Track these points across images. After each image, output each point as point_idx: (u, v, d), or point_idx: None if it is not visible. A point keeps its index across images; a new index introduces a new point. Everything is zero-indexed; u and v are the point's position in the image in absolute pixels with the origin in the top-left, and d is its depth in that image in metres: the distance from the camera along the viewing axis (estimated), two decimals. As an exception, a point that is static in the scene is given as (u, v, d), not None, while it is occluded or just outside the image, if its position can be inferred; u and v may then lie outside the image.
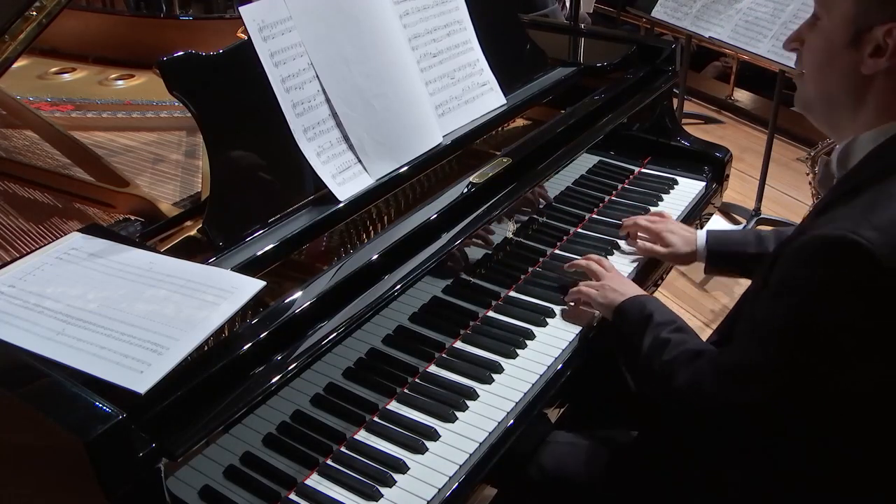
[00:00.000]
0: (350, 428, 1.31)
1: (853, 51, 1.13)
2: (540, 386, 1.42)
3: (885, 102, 1.15)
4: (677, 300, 3.07)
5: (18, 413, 1.01)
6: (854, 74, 1.15)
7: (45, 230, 1.55)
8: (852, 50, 1.13)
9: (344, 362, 1.31)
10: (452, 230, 1.48)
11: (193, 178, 1.73)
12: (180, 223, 1.42)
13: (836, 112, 1.21)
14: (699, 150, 2.19)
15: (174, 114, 2.03)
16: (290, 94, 1.43)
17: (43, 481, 1.07)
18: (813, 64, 1.21)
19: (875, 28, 1.10)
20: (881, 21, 1.10)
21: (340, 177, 1.47)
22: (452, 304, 1.53)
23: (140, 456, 0.97)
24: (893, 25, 1.09)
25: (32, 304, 1.13)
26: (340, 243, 1.46)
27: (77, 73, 2.40)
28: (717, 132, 4.63)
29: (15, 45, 1.65)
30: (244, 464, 1.17)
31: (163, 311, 1.09)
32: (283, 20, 1.44)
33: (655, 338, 1.35)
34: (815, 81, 1.22)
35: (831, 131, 1.26)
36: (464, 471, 1.25)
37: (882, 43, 1.10)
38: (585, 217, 1.92)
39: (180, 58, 1.34)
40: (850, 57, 1.14)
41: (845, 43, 1.14)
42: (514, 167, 1.63)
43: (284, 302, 1.22)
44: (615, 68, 2.10)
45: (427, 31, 1.70)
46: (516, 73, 1.92)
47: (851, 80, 1.16)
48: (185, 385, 1.05)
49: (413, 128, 1.60)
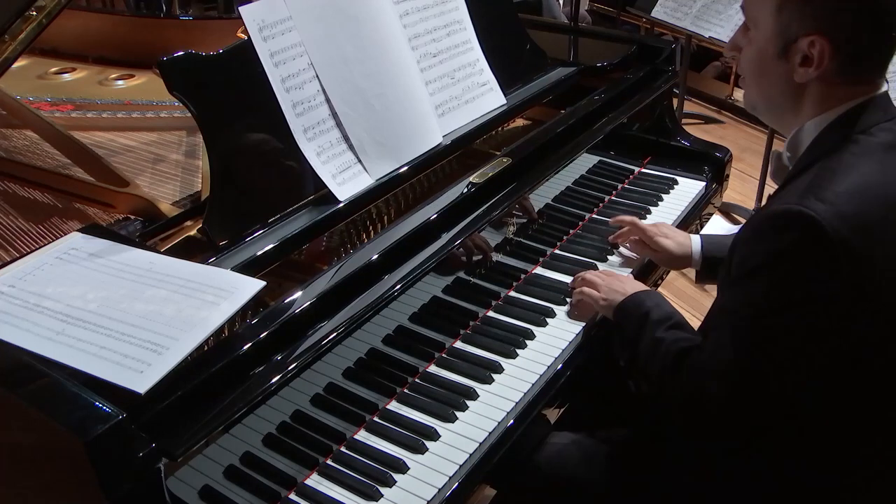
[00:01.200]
0: (350, 428, 1.31)
1: (784, 62, 1.20)
2: (540, 386, 1.42)
3: (822, 97, 1.21)
4: (677, 300, 3.07)
5: (18, 413, 1.01)
6: (789, 82, 1.22)
7: (45, 230, 1.55)
8: (783, 61, 1.20)
9: (344, 362, 1.31)
10: (452, 230, 1.48)
11: (193, 178, 1.73)
12: (180, 223, 1.42)
13: (778, 112, 1.29)
14: (699, 150, 2.19)
15: (174, 114, 2.04)
16: (290, 94, 1.43)
17: (43, 481, 1.07)
18: (750, 73, 1.28)
19: (800, 40, 1.17)
20: (804, 33, 1.16)
21: (340, 177, 1.47)
22: (452, 304, 1.53)
23: (140, 456, 0.97)
24: (815, 36, 1.15)
25: (32, 304, 1.13)
26: (340, 243, 1.47)
27: (77, 73, 2.40)
28: (717, 132, 4.63)
29: (15, 45, 1.65)
30: (244, 464, 1.17)
31: (163, 311, 1.09)
32: (283, 20, 1.44)
33: (651, 338, 1.35)
34: (755, 87, 1.29)
35: (779, 127, 1.33)
36: (464, 471, 1.25)
37: (808, 53, 1.17)
38: (585, 217, 1.92)
39: (180, 58, 1.34)
40: (781, 67, 1.21)
41: (775, 55, 1.21)
42: (514, 167, 1.63)
43: (284, 302, 1.22)
44: (615, 68, 2.10)
45: (427, 31, 1.70)
46: (516, 73, 1.92)
47: (787, 87, 1.23)
48: (185, 385, 1.05)
49: (413, 128, 1.60)
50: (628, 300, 1.47)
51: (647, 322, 1.38)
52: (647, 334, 1.36)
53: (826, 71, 1.17)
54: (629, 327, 1.43)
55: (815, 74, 1.18)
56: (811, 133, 1.23)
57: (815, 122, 1.22)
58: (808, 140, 1.23)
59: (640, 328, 1.39)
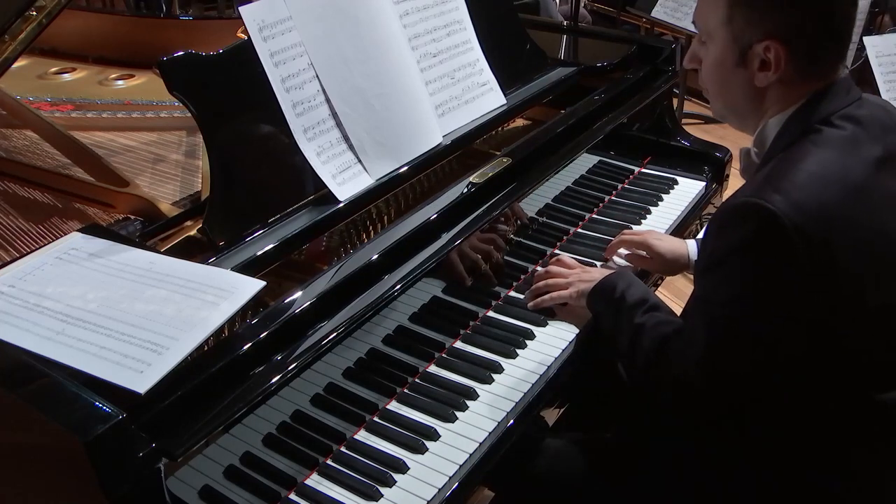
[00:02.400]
0: (350, 428, 1.31)
1: (743, 69, 1.23)
2: (540, 386, 1.42)
3: (783, 95, 1.24)
4: (677, 300, 3.07)
5: (18, 413, 1.01)
6: (750, 87, 1.24)
7: (45, 230, 1.55)
8: (742, 68, 1.23)
9: (344, 362, 1.31)
10: (452, 230, 1.48)
11: (193, 178, 1.73)
12: (180, 223, 1.42)
13: (744, 117, 1.32)
14: (699, 150, 2.18)
15: (174, 114, 2.04)
16: (290, 94, 1.43)
17: (43, 481, 1.07)
18: (712, 83, 1.30)
19: (754, 45, 1.20)
20: (757, 39, 1.19)
21: (340, 177, 1.47)
22: (452, 304, 1.53)
23: (140, 456, 0.97)
24: (769, 42, 1.18)
25: (32, 304, 1.13)
26: (340, 243, 1.47)
27: (77, 73, 2.40)
28: (717, 132, 4.62)
29: (15, 45, 1.65)
30: (244, 464, 1.17)
31: (163, 311, 1.09)
32: (283, 20, 1.44)
33: (629, 323, 1.37)
34: (719, 97, 1.32)
35: (747, 131, 1.34)
36: (464, 471, 1.25)
37: (765, 57, 1.19)
38: (585, 217, 1.91)
39: (180, 58, 1.34)
40: (742, 74, 1.24)
41: (734, 63, 1.24)
42: (514, 167, 1.63)
43: (284, 302, 1.22)
44: (615, 68, 2.10)
45: (427, 31, 1.70)
46: (516, 73, 1.92)
47: (749, 92, 1.25)
48: (185, 385, 1.05)
49: (413, 128, 1.60)
50: (599, 285, 1.48)
51: (623, 307, 1.40)
52: (626, 320, 1.38)
53: (785, 72, 1.20)
54: (605, 314, 1.44)
55: (774, 78, 1.21)
56: (775, 127, 1.26)
57: (777, 119, 1.25)
58: (773, 134, 1.26)
59: (617, 314, 1.40)
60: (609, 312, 1.44)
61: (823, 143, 1.18)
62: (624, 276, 1.48)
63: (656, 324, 1.34)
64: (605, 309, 1.46)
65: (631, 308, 1.39)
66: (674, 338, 1.29)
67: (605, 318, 1.46)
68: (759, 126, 1.29)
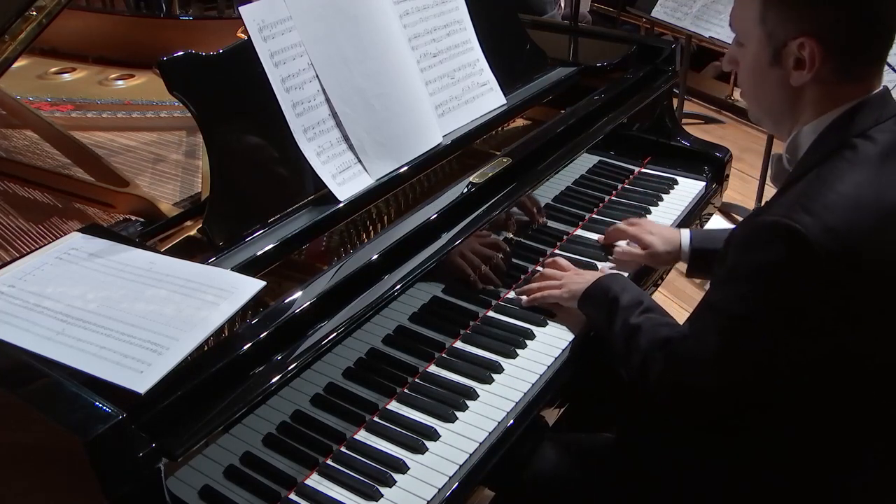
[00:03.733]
0: (350, 428, 1.31)
1: (778, 68, 1.20)
2: (540, 386, 1.42)
3: (819, 98, 1.21)
4: (677, 300, 3.07)
5: (18, 413, 1.01)
6: (786, 88, 1.21)
7: (45, 230, 1.55)
8: (777, 67, 1.21)
9: (344, 362, 1.31)
10: (452, 230, 1.48)
11: (193, 178, 1.73)
12: (180, 223, 1.42)
13: (779, 120, 1.29)
14: (699, 150, 2.18)
15: (174, 114, 2.04)
16: (290, 94, 1.43)
17: (43, 481, 1.07)
18: (749, 85, 1.29)
19: (788, 43, 1.17)
20: (791, 36, 1.16)
21: (340, 177, 1.47)
22: (452, 304, 1.53)
23: (140, 456, 0.97)
24: (803, 38, 1.15)
25: (32, 304, 1.13)
26: (340, 243, 1.46)
27: (77, 73, 2.40)
28: (717, 132, 4.63)
29: (15, 45, 1.65)
30: (244, 464, 1.17)
31: (163, 311, 1.09)
32: (283, 20, 1.44)
33: (625, 324, 1.37)
34: (754, 99, 1.30)
35: (782, 135, 1.31)
36: (464, 471, 1.25)
37: (799, 55, 1.17)
38: (585, 217, 1.91)
39: (180, 58, 1.34)
40: (777, 74, 1.21)
41: (768, 63, 1.21)
42: (514, 167, 1.63)
43: (284, 302, 1.22)
44: (615, 68, 2.10)
45: (427, 30, 1.70)
46: (516, 73, 1.92)
47: (785, 93, 1.23)
48: (185, 385, 1.05)
49: (413, 128, 1.60)
50: (592, 287, 1.48)
51: (618, 308, 1.40)
52: (620, 321, 1.37)
53: (821, 72, 1.17)
54: (598, 315, 1.44)
55: (809, 77, 1.17)
56: (809, 136, 1.23)
57: (812, 126, 1.22)
58: (807, 143, 1.23)
59: (611, 314, 1.40)
60: (601, 314, 1.44)
61: (859, 161, 1.15)
62: (617, 278, 1.48)
63: (654, 325, 1.34)
64: (597, 311, 1.46)
65: (625, 309, 1.39)
66: (679, 341, 1.28)
67: (597, 320, 1.47)
68: (793, 132, 1.26)
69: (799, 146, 1.25)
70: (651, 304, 1.41)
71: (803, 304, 1.12)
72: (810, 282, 1.10)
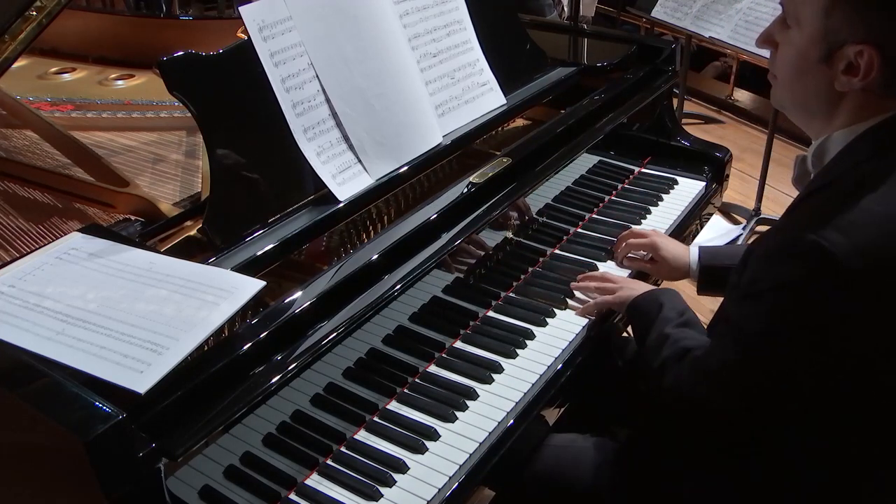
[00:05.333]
0: (350, 428, 1.31)
1: (826, 67, 1.13)
2: (540, 386, 1.42)
3: (858, 107, 1.15)
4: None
5: (18, 413, 1.01)
6: (828, 88, 1.15)
7: (45, 230, 1.55)
8: (825, 66, 1.13)
9: (344, 362, 1.31)
10: (452, 230, 1.48)
11: (193, 178, 1.73)
12: (180, 223, 1.42)
13: (811, 117, 1.22)
14: (699, 150, 2.18)
15: (174, 114, 2.03)
16: (290, 94, 1.43)
17: (43, 481, 1.07)
18: (786, 73, 1.20)
19: (846, 46, 1.10)
20: (852, 40, 1.09)
21: (340, 177, 1.47)
22: (452, 304, 1.53)
23: (140, 456, 0.97)
24: (864, 47, 1.08)
25: (32, 304, 1.13)
26: (340, 243, 1.46)
27: (77, 73, 2.40)
28: (717, 132, 4.63)
29: (15, 45, 1.65)
30: (244, 464, 1.17)
31: (163, 311, 1.09)
32: (283, 20, 1.44)
33: (660, 333, 1.36)
34: (789, 89, 1.21)
35: (807, 129, 1.26)
36: (464, 471, 1.25)
37: (854, 61, 1.10)
38: (585, 217, 1.92)
39: (180, 58, 1.34)
40: (823, 72, 1.14)
41: (817, 59, 1.13)
42: (514, 167, 1.63)
43: (284, 302, 1.22)
44: (615, 68, 2.10)
45: (427, 30, 1.70)
46: (516, 73, 1.92)
47: (825, 93, 1.16)
48: (185, 385, 1.05)
49: (413, 128, 1.60)
50: (643, 297, 1.48)
51: (659, 318, 1.39)
52: (656, 329, 1.37)
53: (871, 82, 1.10)
54: (640, 324, 1.43)
55: (859, 85, 1.11)
56: (839, 143, 1.17)
57: (844, 133, 1.16)
58: (836, 149, 1.17)
59: (651, 323, 1.39)
60: (644, 322, 1.42)
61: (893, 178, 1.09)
62: (669, 293, 1.48)
63: (682, 337, 1.32)
64: (641, 319, 1.45)
65: (665, 320, 1.37)
66: (698, 353, 1.26)
67: (638, 327, 1.46)
68: (822, 135, 1.20)
69: (827, 151, 1.19)
70: (692, 318, 1.39)
71: (824, 326, 1.09)
72: (835, 303, 1.07)
